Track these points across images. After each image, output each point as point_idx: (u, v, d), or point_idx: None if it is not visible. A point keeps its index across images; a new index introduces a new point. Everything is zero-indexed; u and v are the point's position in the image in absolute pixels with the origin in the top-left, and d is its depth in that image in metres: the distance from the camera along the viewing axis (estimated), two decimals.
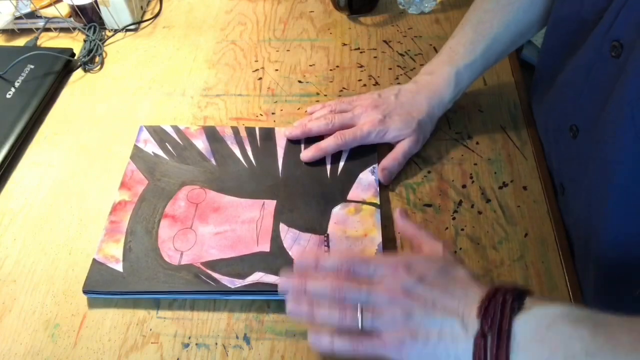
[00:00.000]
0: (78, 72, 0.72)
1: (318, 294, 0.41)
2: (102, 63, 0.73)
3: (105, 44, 0.76)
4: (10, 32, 0.79)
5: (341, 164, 0.58)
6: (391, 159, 0.57)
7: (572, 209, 0.53)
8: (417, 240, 0.46)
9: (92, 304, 0.49)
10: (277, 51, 0.74)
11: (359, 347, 0.40)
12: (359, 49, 0.74)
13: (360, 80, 0.69)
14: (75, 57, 0.73)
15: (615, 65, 0.42)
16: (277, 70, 0.71)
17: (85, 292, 0.48)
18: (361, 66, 0.71)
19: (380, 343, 0.39)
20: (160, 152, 0.60)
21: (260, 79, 0.70)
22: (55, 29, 0.79)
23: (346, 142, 0.58)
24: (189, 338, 0.47)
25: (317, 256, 0.44)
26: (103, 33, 0.78)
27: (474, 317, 0.37)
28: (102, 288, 0.48)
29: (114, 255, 0.50)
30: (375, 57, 0.72)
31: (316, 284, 0.41)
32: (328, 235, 0.52)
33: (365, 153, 0.59)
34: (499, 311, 0.36)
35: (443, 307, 0.38)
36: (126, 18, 0.77)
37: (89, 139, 0.64)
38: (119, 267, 0.49)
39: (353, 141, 0.58)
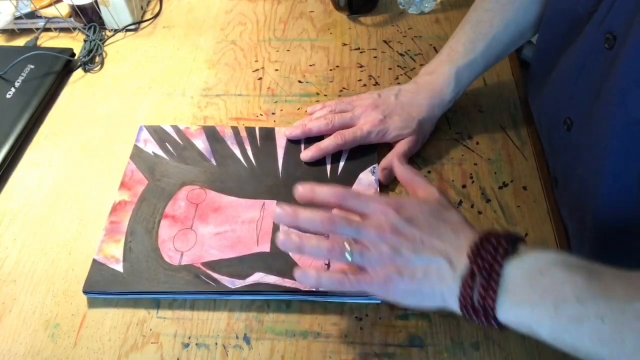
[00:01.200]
0: (78, 72, 0.72)
1: (309, 225, 0.41)
2: (102, 63, 0.73)
3: (105, 44, 0.76)
4: (10, 32, 0.79)
5: (341, 164, 0.58)
6: (391, 159, 0.57)
7: (565, 201, 0.53)
8: (413, 185, 0.46)
9: (92, 304, 0.49)
10: (277, 51, 0.74)
11: (345, 282, 0.40)
12: (359, 49, 0.74)
13: (360, 80, 0.69)
14: (75, 57, 0.73)
15: (609, 56, 0.43)
16: (277, 70, 0.71)
17: (85, 292, 0.48)
18: (361, 66, 0.71)
19: (367, 278, 0.40)
20: (160, 152, 0.60)
21: (260, 79, 0.70)
22: (55, 29, 0.79)
23: (346, 142, 0.58)
24: (189, 338, 0.47)
25: (313, 188, 0.43)
26: (103, 33, 0.78)
27: (464, 258, 0.37)
28: (102, 288, 0.48)
29: (114, 255, 0.50)
30: (375, 57, 0.72)
31: (308, 215, 0.41)
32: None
33: (365, 153, 0.59)
34: (490, 253, 0.36)
35: (431, 247, 0.39)
36: (126, 18, 0.77)
37: (89, 139, 0.64)
38: (119, 267, 0.49)
39: (353, 141, 0.58)
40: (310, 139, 0.60)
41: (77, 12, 0.76)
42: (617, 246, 0.46)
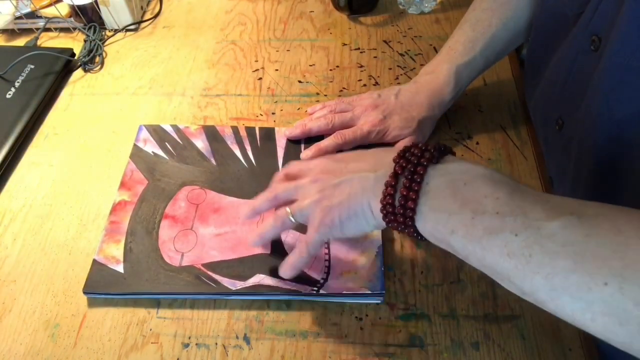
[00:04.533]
0: (78, 72, 0.72)
1: (262, 207, 0.47)
2: (102, 63, 0.73)
3: (105, 44, 0.76)
4: (10, 32, 0.79)
5: None
6: None
7: None
8: None
9: (92, 304, 0.49)
10: (277, 51, 0.74)
11: (302, 249, 0.43)
12: (359, 49, 0.74)
13: (360, 80, 0.69)
14: (75, 57, 0.73)
15: (595, 58, 0.44)
16: (277, 70, 0.71)
17: (85, 292, 0.48)
18: (361, 66, 0.71)
19: (310, 231, 0.43)
20: (160, 152, 0.60)
21: (260, 79, 0.70)
22: (55, 29, 0.79)
23: (346, 142, 0.58)
24: (189, 338, 0.47)
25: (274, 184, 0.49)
26: (103, 33, 0.78)
27: (388, 163, 0.38)
28: (102, 289, 0.48)
29: (114, 255, 0.50)
30: (375, 57, 0.72)
31: (259, 201, 0.47)
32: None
33: None
34: (416, 156, 0.37)
35: (352, 169, 0.42)
36: (126, 18, 0.77)
37: (89, 138, 0.64)
38: (119, 268, 0.49)
39: (353, 141, 0.58)
40: (310, 139, 0.60)
41: (77, 12, 0.76)
42: None
